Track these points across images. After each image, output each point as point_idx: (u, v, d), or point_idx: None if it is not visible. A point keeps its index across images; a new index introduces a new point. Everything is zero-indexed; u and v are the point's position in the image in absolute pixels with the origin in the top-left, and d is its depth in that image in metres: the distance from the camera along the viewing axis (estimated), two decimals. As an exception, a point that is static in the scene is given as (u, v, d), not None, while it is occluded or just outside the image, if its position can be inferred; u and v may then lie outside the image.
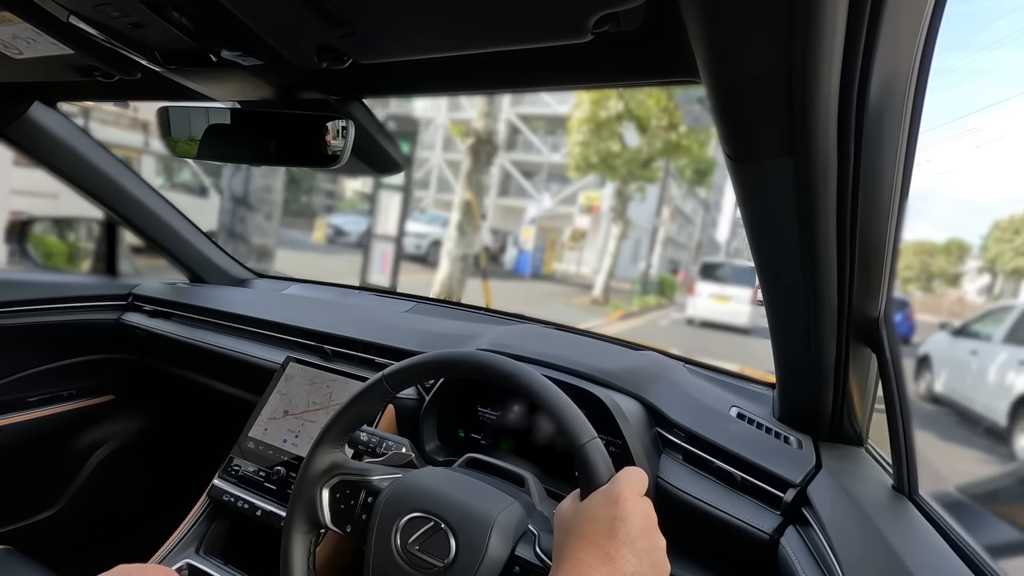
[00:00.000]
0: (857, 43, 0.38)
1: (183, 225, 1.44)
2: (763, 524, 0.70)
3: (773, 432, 0.82)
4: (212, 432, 1.42)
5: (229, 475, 0.98)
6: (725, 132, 0.47)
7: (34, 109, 1.10)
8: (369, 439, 0.77)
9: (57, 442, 1.38)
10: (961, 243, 26.47)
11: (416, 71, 0.68)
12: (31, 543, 1.17)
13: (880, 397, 0.73)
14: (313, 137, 0.73)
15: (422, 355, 0.65)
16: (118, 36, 0.60)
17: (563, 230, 20.34)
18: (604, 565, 0.45)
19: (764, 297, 0.67)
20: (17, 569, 0.98)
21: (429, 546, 0.58)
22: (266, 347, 1.23)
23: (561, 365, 0.92)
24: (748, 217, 0.56)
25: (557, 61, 0.60)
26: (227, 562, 0.91)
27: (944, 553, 0.58)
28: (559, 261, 20.33)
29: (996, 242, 21.57)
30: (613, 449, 0.78)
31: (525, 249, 17.72)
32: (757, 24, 0.36)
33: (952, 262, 26.13)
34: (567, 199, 20.81)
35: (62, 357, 1.34)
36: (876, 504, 0.67)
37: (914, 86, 0.45)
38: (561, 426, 0.55)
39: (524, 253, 17.70)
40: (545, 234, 18.78)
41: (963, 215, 64.84)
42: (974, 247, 25.30)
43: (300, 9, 0.49)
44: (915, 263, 26.63)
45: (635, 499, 0.49)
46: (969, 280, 23.90)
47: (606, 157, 11.75)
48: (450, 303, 1.43)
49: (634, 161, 12.06)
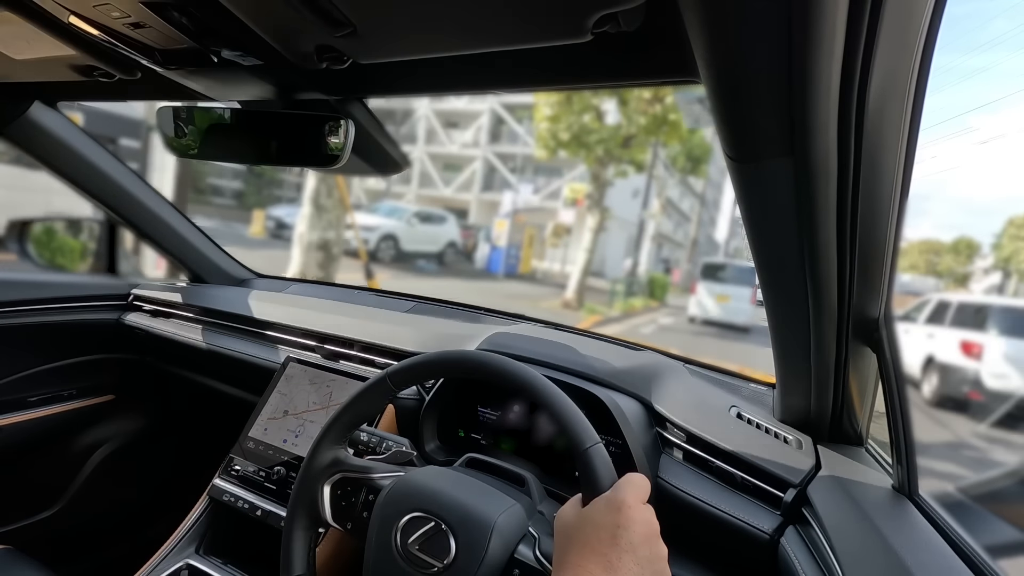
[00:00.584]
0: (857, 43, 0.38)
1: (183, 225, 1.44)
2: (763, 524, 0.70)
3: (773, 432, 0.82)
4: (212, 432, 1.42)
5: (229, 475, 0.98)
6: (725, 132, 0.47)
7: (34, 109, 1.10)
8: (369, 439, 0.77)
9: (57, 442, 1.38)
10: (970, 242, 25.88)
11: (416, 71, 0.68)
12: (31, 543, 1.18)
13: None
14: (313, 137, 0.73)
15: (426, 354, 0.65)
16: (118, 36, 0.60)
17: (546, 225, 18.41)
18: (606, 573, 0.44)
19: (764, 297, 0.67)
20: (17, 569, 0.98)
21: (429, 546, 0.58)
22: (266, 347, 1.23)
23: (561, 365, 0.92)
24: (748, 217, 0.56)
25: (557, 61, 0.60)
26: (227, 562, 0.91)
27: (944, 553, 0.58)
28: (540, 259, 18.75)
29: (1011, 240, 20.98)
30: (613, 449, 0.78)
31: (498, 245, 15.60)
32: (757, 24, 0.36)
33: (961, 261, 25.55)
34: (554, 193, 19.23)
35: (62, 357, 1.34)
36: (876, 504, 0.67)
37: (914, 86, 0.45)
38: (564, 429, 0.55)
39: (497, 250, 15.59)
40: (522, 229, 16.54)
41: (962, 216, 64.82)
42: (984, 245, 24.64)
43: (300, 9, 0.49)
44: (920, 262, 26.22)
45: (638, 507, 0.49)
46: (975, 280, 23.20)
47: (579, 133, 10.05)
48: (450, 303, 1.42)
49: (612, 139, 10.27)
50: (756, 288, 0.70)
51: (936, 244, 27.59)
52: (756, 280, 0.67)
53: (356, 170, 0.91)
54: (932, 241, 27.80)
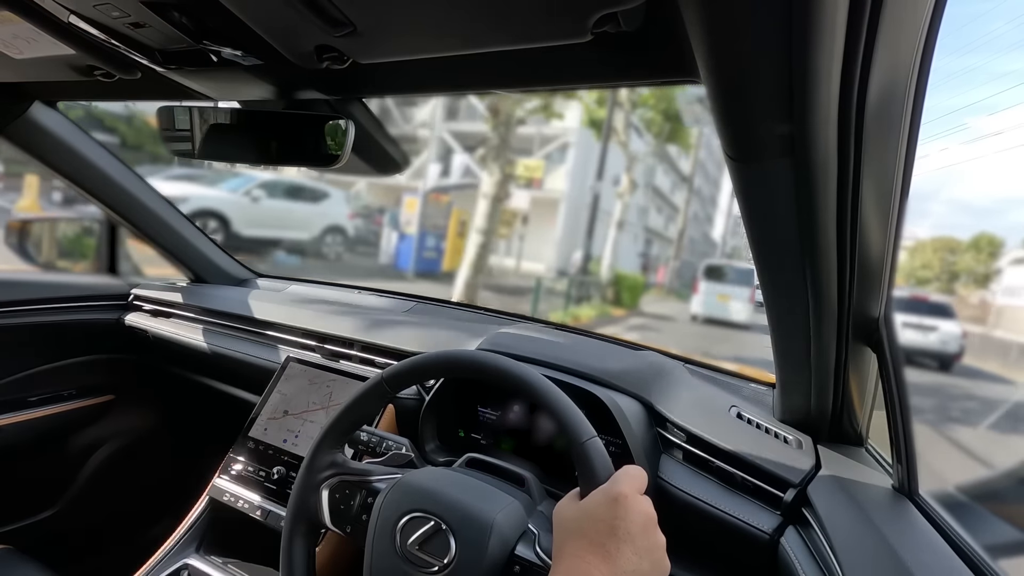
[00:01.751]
0: (857, 43, 0.38)
1: (183, 225, 1.44)
2: (763, 524, 0.70)
3: (773, 432, 0.82)
4: (212, 432, 1.42)
5: (229, 475, 0.98)
6: (725, 132, 0.47)
7: (34, 109, 1.10)
8: (369, 439, 0.77)
9: (57, 442, 1.38)
10: (992, 238, 23.58)
11: (416, 71, 0.68)
12: (31, 543, 1.18)
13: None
14: (313, 137, 0.73)
15: (421, 355, 0.65)
16: (118, 36, 0.60)
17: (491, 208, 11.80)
18: (604, 563, 0.45)
19: (764, 297, 0.67)
20: (17, 569, 0.98)
21: (429, 546, 0.58)
22: (266, 347, 1.23)
23: (561, 365, 0.92)
24: (748, 217, 0.56)
25: (557, 61, 0.60)
26: (227, 562, 0.91)
27: (944, 553, 0.58)
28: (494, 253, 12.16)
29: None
30: (613, 449, 0.78)
31: (407, 232, 11.40)
32: (757, 24, 0.36)
33: (982, 259, 22.95)
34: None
35: (62, 357, 1.34)
36: (876, 504, 0.67)
37: (914, 86, 0.45)
38: (560, 425, 0.56)
39: (406, 238, 11.39)
40: (445, 212, 11.98)
41: (965, 217, 64.68)
42: (1007, 242, 22.11)
43: (300, 9, 0.49)
44: (935, 261, 23.90)
45: (635, 497, 0.49)
46: (995, 281, 20.28)
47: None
48: (450, 303, 1.43)
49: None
50: (755, 288, 0.70)
51: (952, 242, 24.83)
52: (755, 280, 0.67)
53: (356, 170, 0.92)
54: (948, 239, 25.00)
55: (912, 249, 21.29)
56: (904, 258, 13.96)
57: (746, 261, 9.27)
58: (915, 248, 23.37)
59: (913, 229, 17.73)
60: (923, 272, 23.51)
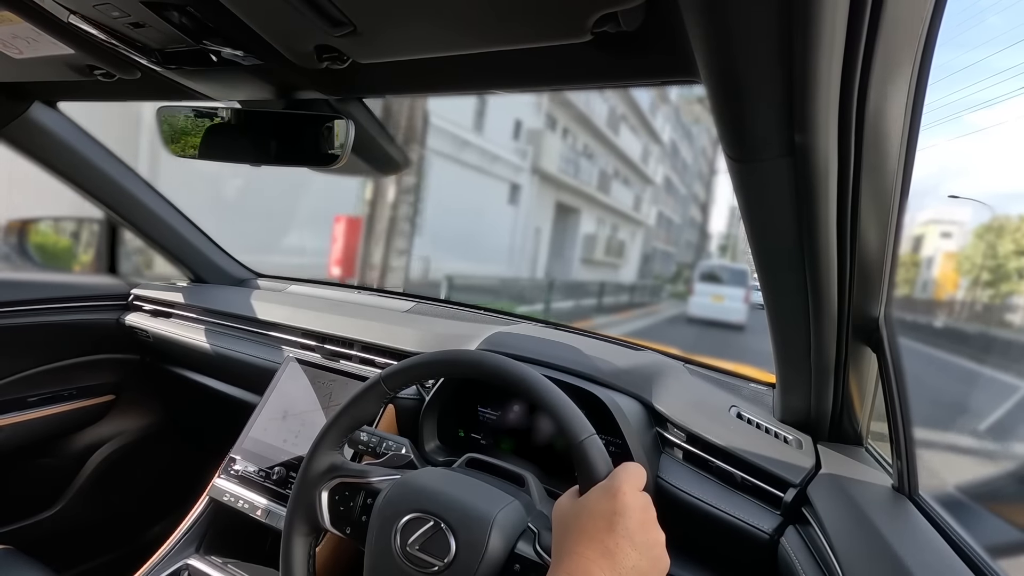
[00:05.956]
0: (857, 43, 0.38)
1: (183, 225, 1.44)
2: (763, 524, 0.70)
3: (773, 432, 0.82)
4: (212, 432, 1.42)
5: (229, 475, 0.98)
6: (725, 132, 0.46)
7: (34, 109, 1.09)
8: (369, 439, 0.77)
9: (57, 442, 1.38)
10: None
11: (416, 71, 0.68)
12: (31, 543, 1.17)
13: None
14: (313, 137, 0.73)
15: (419, 356, 0.65)
16: (118, 36, 0.60)
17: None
18: (604, 559, 0.45)
19: (764, 297, 0.67)
20: (17, 569, 0.98)
21: (429, 546, 0.58)
22: (266, 347, 1.23)
23: (561, 365, 0.92)
24: (748, 217, 0.56)
25: (557, 61, 0.60)
26: (227, 562, 0.91)
27: (944, 553, 0.58)
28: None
29: None
30: (613, 449, 0.78)
31: None
32: (757, 24, 0.36)
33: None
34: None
35: (62, 357, 1.34)
36: (876, 504, 0.67)
37: (914, 86, 0.45)
38: (559, 424, 0.56)
39: None
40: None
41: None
42: None
43: (300, 9, 0.49)
44: (976, 251, 12.87)
45: (634, 493, 0.49)
46: None
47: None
48: (450, 303, 1.43)
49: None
50: (749, 289, 0.70)
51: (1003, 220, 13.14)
52: (748, 281, 0.67)
53: (356, 170, 0.92)
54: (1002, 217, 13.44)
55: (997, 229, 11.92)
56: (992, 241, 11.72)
57: (740, 262, 9.48)
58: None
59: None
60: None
